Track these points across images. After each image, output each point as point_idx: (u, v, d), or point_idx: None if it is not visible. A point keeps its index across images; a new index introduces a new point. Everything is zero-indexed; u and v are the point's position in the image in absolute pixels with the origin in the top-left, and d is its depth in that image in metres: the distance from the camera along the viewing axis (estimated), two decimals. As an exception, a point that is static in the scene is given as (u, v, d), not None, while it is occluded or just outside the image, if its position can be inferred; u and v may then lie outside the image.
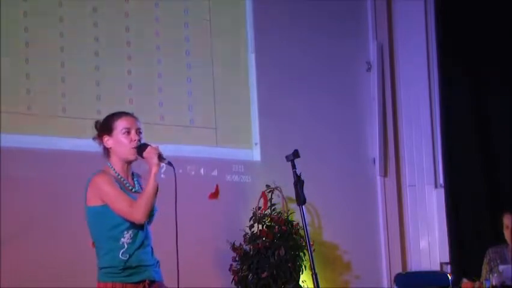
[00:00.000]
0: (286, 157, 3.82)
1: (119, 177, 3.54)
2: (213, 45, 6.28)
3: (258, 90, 6.45)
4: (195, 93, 6.17)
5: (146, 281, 3.51)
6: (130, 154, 3.55)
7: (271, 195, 6.16)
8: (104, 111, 5.55)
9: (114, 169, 3.55)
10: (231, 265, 5.92)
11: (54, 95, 5.48)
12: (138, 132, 3.58)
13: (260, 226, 6.00)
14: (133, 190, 3.57)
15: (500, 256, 5.58)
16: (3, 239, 4.99)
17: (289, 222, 6.01)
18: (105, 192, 3.45)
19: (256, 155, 6.41)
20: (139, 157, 3.54)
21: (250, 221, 6.02)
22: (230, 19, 6.45)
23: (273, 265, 5.82)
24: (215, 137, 6.18)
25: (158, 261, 3.61)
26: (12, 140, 5.18)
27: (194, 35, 6.21)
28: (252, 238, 5.93)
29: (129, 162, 3.59)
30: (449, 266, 7.01)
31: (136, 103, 5.75)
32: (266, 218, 6.02)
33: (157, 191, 3.45)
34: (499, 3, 6.78)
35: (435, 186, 7.17)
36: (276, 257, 5.83)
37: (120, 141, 3.55)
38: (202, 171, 6.03)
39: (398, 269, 6.98)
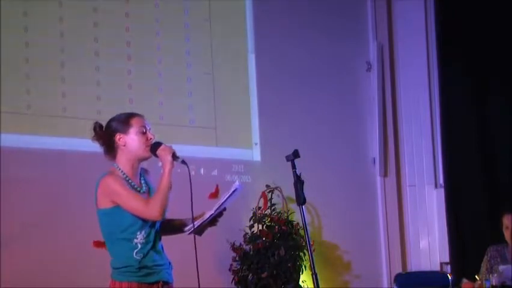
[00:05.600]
0: (286, 157, 3.81)
1: (126, 178, 3.52)
2: (213, 45, 6.28)
3: (258, 90, 6.45)
4: (195, 93, 6.17)
5: (160, 282, 3.52)
6: (146, 152, 3.53)
7: (271, 195, 6.16)
8: (104, 111, 5.60)
9: (121, 170, 3.53)
10: (231, 265, 5.92)
11: (54, 95, 5.48)
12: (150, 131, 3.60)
13: (260, 226, 5.99)
14: (141, 191, 3.54)
15: (500, 255, 5.57)
16: (4, 239, 4.98)
17: (289, 222, 6.01)
18: (116, 192, 3.43)
19: (256, 155, 6.40)
20: (152, 155, 3.55)
21: (250, 221, 6.02)
22: (230, 19, 6.45)
23: (273, 265, 5.82)
24: (215, 137, 6.18)
25: (170, 262, 3.61)
26: (12, 140, 5.18)
27: (194, 35, 6.21)
28: (252, 238, 5.93)
29: (140, 161, 3.58)
30: (449, 266, 7.01)
31: (136, 103, 5.75)
32: (266, 218, 6.02)
33: (171, 188, 3.45)
34: (499, 3, 6.78)
35: (435, 186, 7.16)
36: (276, 257, 5.83)
37: (136, 140, 3.53)
38: (202, 171, 6.02)
39: (398, 269, 6.97)
